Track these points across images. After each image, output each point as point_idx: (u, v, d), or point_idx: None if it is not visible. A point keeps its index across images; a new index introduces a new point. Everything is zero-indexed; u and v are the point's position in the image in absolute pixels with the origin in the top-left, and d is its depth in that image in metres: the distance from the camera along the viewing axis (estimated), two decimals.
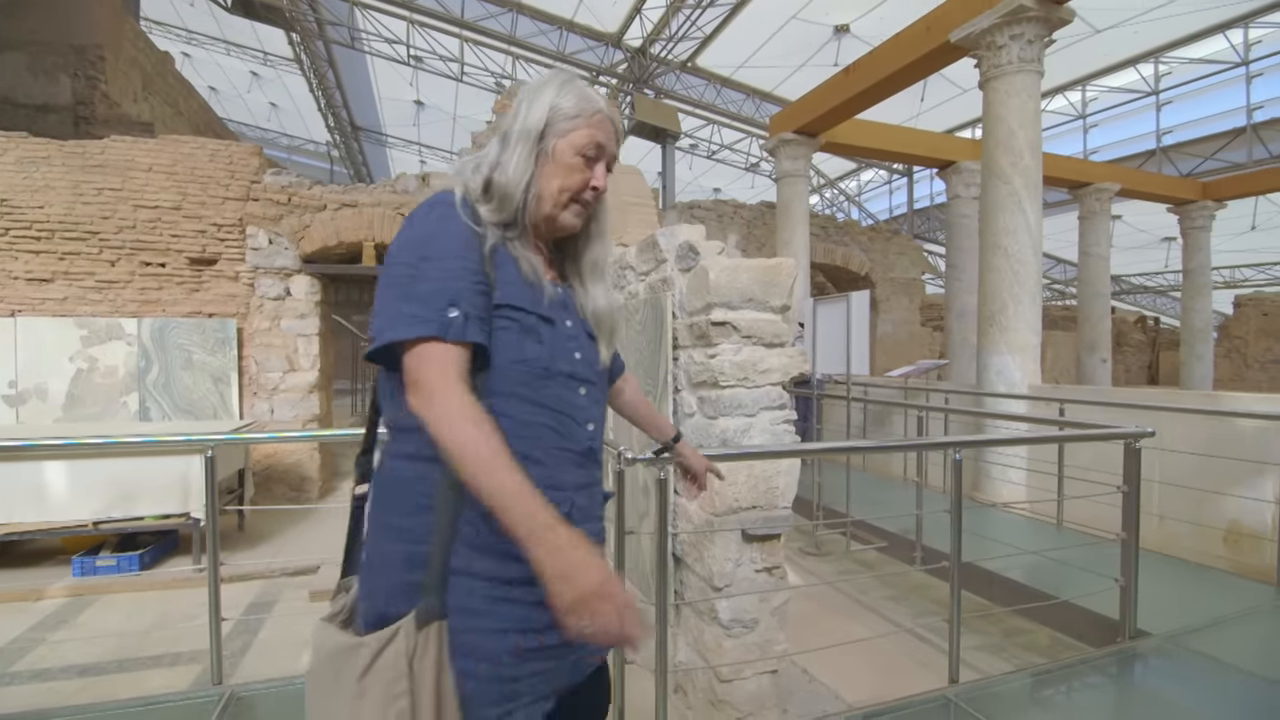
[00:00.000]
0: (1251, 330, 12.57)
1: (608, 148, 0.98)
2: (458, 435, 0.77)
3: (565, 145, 0.94)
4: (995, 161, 5.30)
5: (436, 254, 0.85)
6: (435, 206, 0.90)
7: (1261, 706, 2.09)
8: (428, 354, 0.80)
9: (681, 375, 2.54)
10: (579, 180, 0.96)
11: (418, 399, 0.80)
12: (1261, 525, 3.73)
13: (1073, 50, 11.92)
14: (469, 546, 0.85)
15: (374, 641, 0.79)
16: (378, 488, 0.91)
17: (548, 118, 0.94)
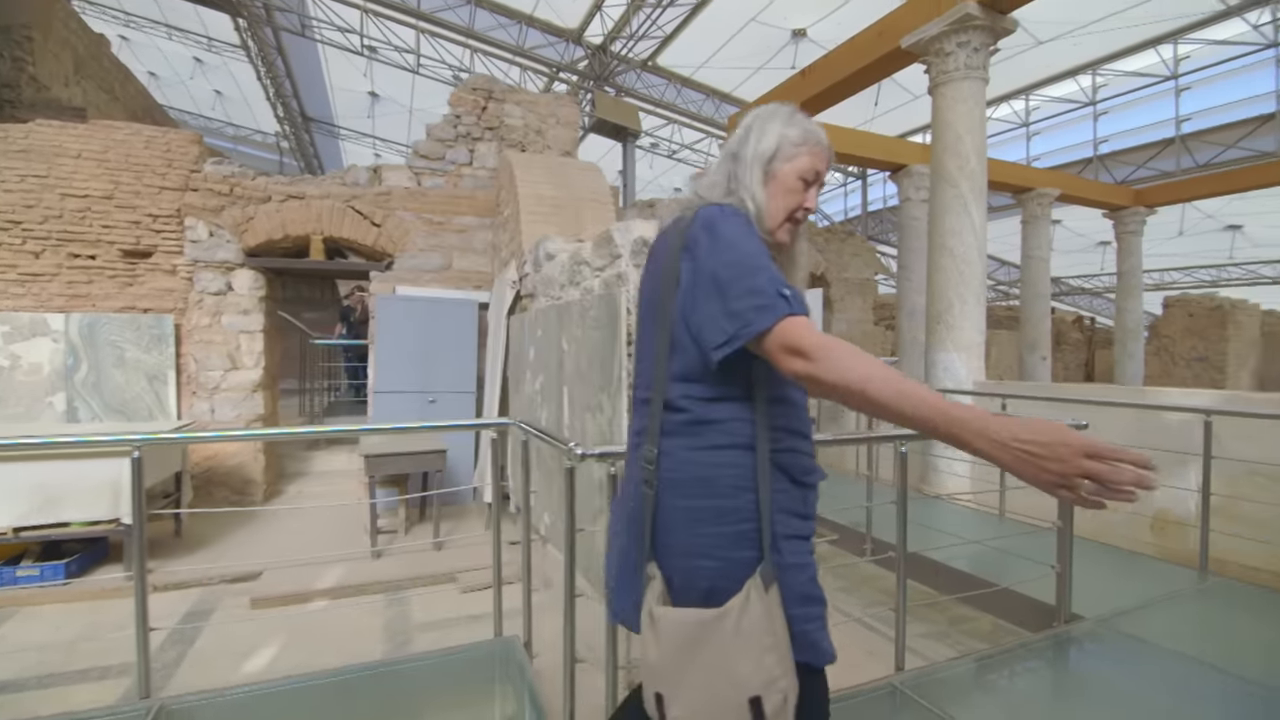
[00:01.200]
0: (1178, 330, 13.32)
1: (824, 176, 1.15)
2: (873, 370, 0.88)
3: (790, 170, 1.12)
4: (943, 165, 5.46)
5: (753, 253, 1.00)
6: (730, 217, 1.05)
7: (1184, 684, 2.20)
8: (799, 324, 0.93)
9: None
10: (796, 201, 1.13)
11: (807, 361, 0.91)
12: (1186, 513, 3.95)
13: (1017, 60, 12.41)
14: (785, 513, 1.03)
15: (735, 608, 0.96)
16: (694, 480, 1.03)
17: (778, 145, 1.11)
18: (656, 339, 1.09)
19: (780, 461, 1.05)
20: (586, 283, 3.13)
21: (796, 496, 1.06)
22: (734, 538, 1.01)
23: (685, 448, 1.04)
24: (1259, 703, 2.03)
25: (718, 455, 1.03)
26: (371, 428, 5.07)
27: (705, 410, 1.04)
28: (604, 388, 2.72)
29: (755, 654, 0.95)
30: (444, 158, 6.69)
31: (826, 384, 0.90)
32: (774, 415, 1.05)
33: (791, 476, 1.06)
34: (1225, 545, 3.44)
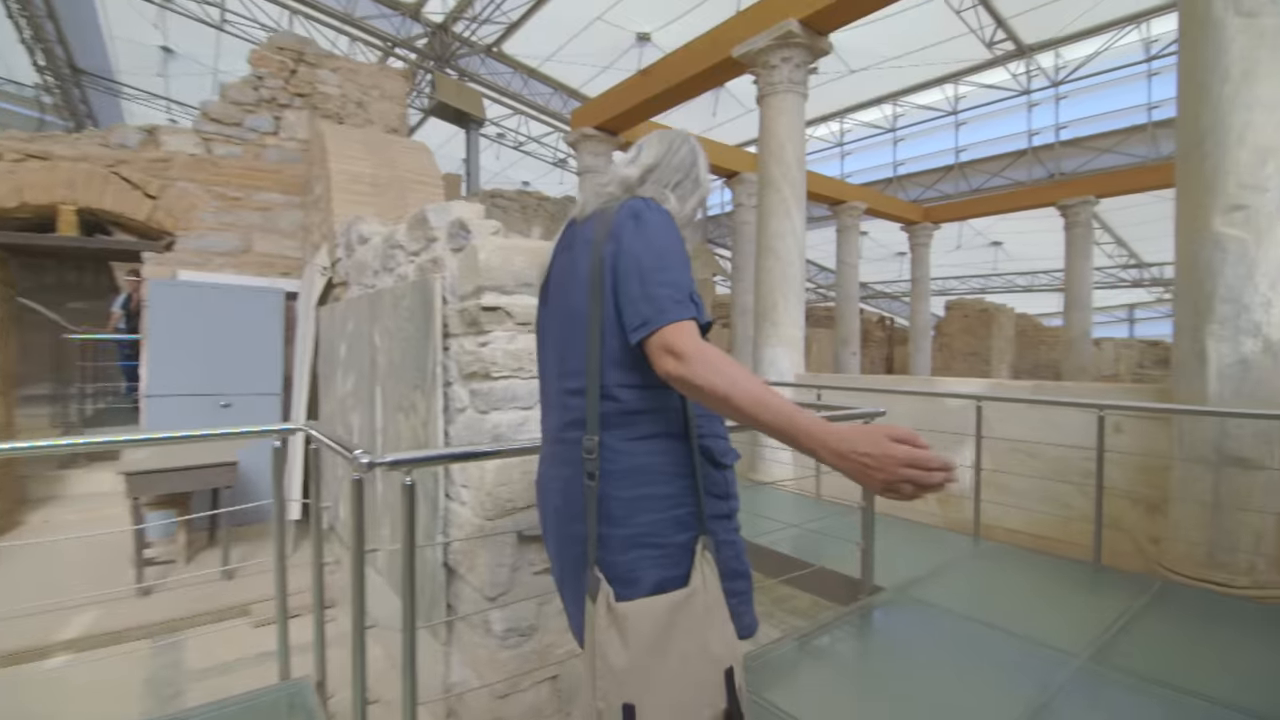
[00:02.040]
0: (956, 329, 15.64)
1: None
2: (737, 378, 0.93)
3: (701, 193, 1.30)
4: (769, 171, 5.80)
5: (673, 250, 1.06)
6: (657, 212, 1.10)
7: (963, 639, 2.47)
8: (685, 328, 0.98)
9: (453, 366, 2.31)
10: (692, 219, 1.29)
11: (680, 363, 0.95)
12: (963, 487, 4.54)
13: (833, 85, 13.73)
14: (710, 495, 1.09)
15: (700, 587, 1.01)
16: (632, 470, 1.05)
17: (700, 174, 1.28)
18: (589, 328, 1.09)
19: (703, 446, 1.11)
20: (401, 269, 2.82)
21: (718, 478, 1.13)
22: (672, 523, 1.05)
23: (622, 438, 1.06)
24: (1021, 654, 2.33)
25: (653, 444, 1.07)
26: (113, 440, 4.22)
27: (638, 399, 1.07)
28: (418, 385, 2.45)
29: (720, 626, 1.02)
30: (242, 124, 5.80)
31: (694, 386, 0.96)
32: (695, 402, 1.09)
33: (713, 460, 1.13)
34: (993, 513, 3.99)
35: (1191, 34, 3.34)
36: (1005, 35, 11.95)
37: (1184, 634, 2.51)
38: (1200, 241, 3.30)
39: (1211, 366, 3.23)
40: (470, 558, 2.25)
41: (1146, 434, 3.72)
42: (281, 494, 2.12)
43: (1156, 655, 2.31)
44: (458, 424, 2.29)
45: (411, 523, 1.51)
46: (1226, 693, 2.02)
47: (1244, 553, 3.12)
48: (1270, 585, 3.08)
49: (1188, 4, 3.37)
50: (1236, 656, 2.33)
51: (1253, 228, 3.14)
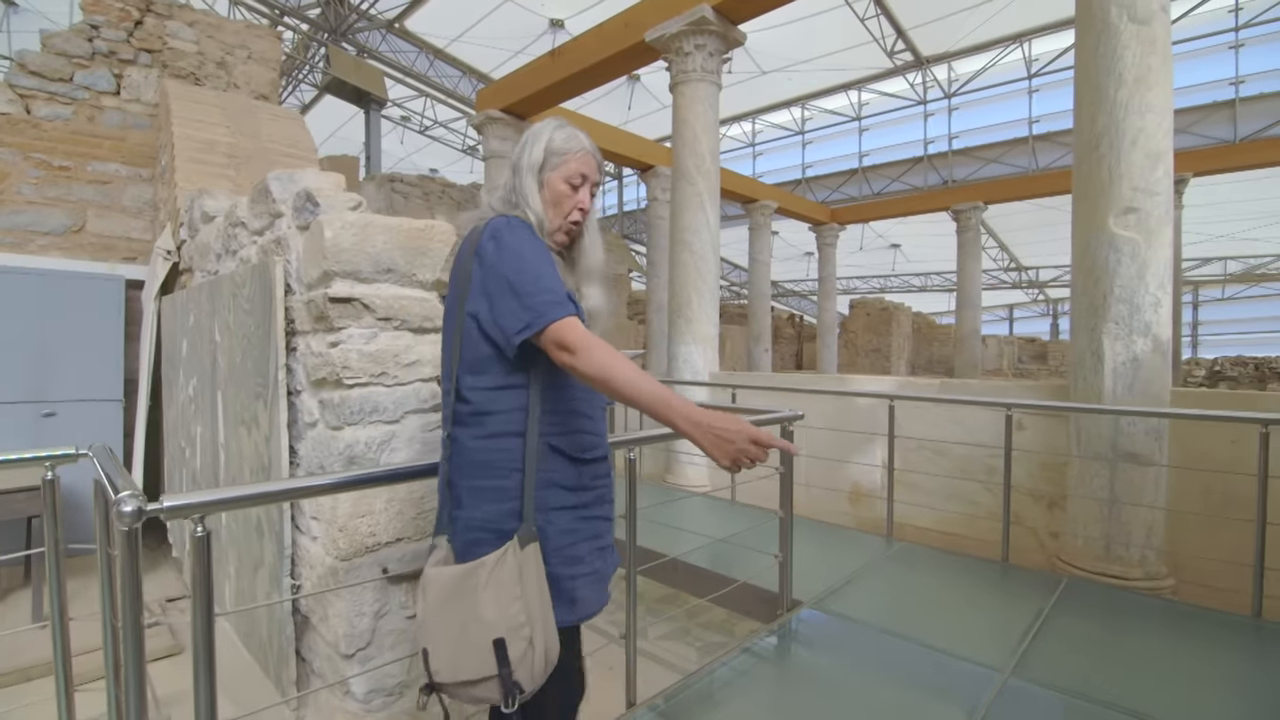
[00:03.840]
0: (860, 326, 16.28)
1: (591, 178, 1.34)
2: (616, 366, 1.09)
3: (557, 177, 1.29)
4: (683, 163, 5.60)
5: (539, 259, 1.18)
6: (517, 228, 1.21)
7: (886, 656, 2.32)
8: (574, 324, 1.12)
9: (300, 370, 1.88)
10: (569, 204, 1.31)
11: (571, 355, 1.10)
12: (874, 486, 4.52)
13: (746, 86, 13.85)
14: (557, 487, 1.21)
15: (490, 561, 1.12)
16: (466, 465, 1.20)
17: (545, 155, 1.29)
18: (452, 335, 1.23)
19: (556, 443, 1.21)
20: (243, 251, 2.33)
21: (570, 473, 1.23)
22: (506, 514, 1.17)
23: (471, 436, 1.19)
24: (943, 672, 2.21)
25: (494, 442, 1.18)
26: None
27: (487, 400, 1.19)
28: (260, 393, 2.00)
29: (503, 602, 1.10)
30: (72, 80, 4.89)
31: (584, 374, 1.10)
32: (553, 400, 1.22)
33: (568, 455, 1.23)
34: (903, 512, 3.96)
35: (1089, 39, 3.40)
36: (905, 46, 12.47)
37: (1093, 638, 2.49)
38: (1097, 242, 3.36)
39: (1107, 364, 3.30)
40: (323, 605, 1.84)
41: (1047, 431, 3.80)
42: (57, 537, 1.63)
43: (1072, 664, 2.26)
44: (306, 441, 1.86)
45: (207, 587, 1.11)
46: (1143, 702, 1.97)
47: (1137, 546, 3.21)
48: (1160, 576, 3.19)
49: (1084, 8, 3.43)
50: (1144, 660, 2.32)
51: (1144, 229, 3.23)
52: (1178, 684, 2.15)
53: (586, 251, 1.37)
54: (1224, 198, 12.20)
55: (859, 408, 4.68)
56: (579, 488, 1.24)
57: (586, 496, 1.25)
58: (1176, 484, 3.30)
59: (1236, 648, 2.37)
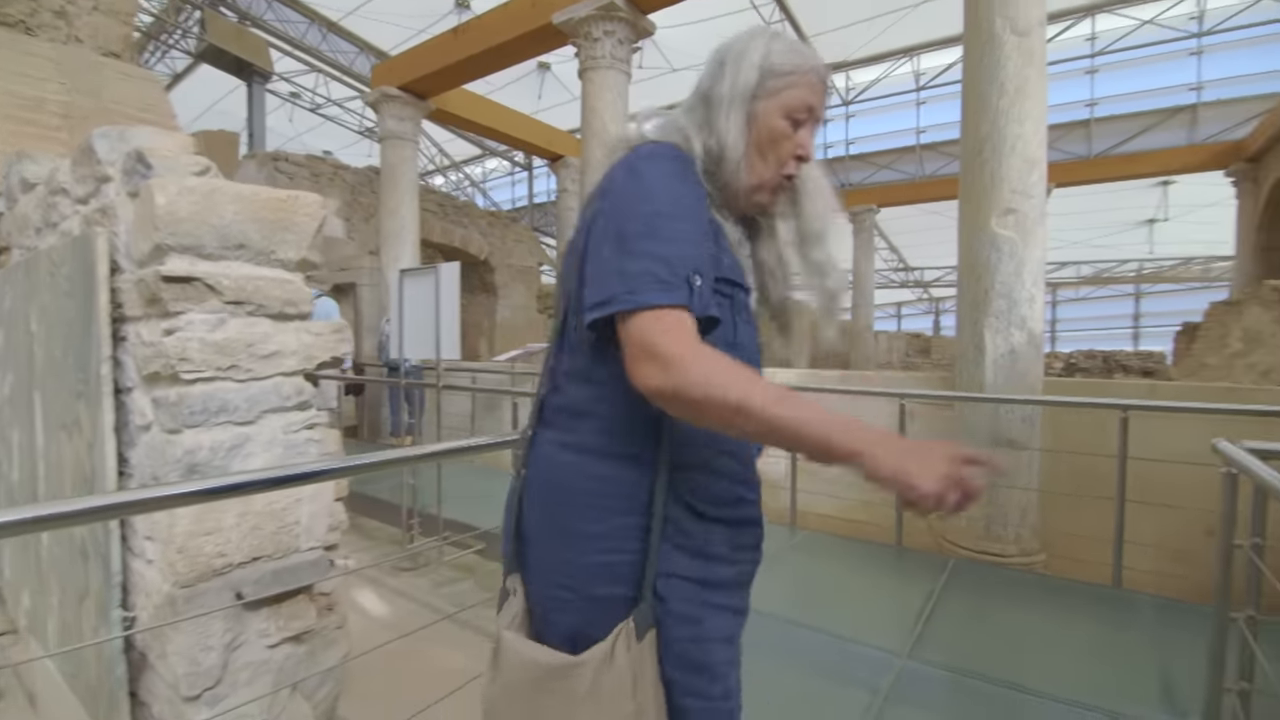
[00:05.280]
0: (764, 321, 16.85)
1: (819, 114, 0.88)
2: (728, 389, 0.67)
3: (776, 107, 0.86)
4: (592, 153, 5.47)
5: (675, 212, 0.76)
6: (661, 159, 0.80)
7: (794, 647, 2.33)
8: (673, 322, 0.70)
9: (129, 364, 1.59)
10: (788, 150, 0.87)
11: (659, 370, 0.69)
12: (779, 476, 4.61)
13: (659, 82, 13.90)
14: (677, 549, 0.79)
15: (592, 661, 0.75)
16: (551, 487, 0.82)
17: (758, 77, 0.85)
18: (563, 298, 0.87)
19: (679, 483, 0.79)
20: (66, 223, 1.96)
21: (695, 532, 0.80)
22: (599, 571, 0.78)
23: (553, 441, 0.83)
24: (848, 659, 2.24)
25: (589, 461, 0.80)
26: None
27: (587, 396, 0.81)
28: (81, 391, 1.68)
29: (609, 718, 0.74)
30: None
31: (685, 403, 0.69)
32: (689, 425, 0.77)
33: (692, 507, 0.80)
34: (805, 500, 4.05)
35: (975, 48, 3.59)
36: None
37: (977, 616, 2.62)
38: (979, 241, 3.57)
39: (988, 356, 3.52)
40: (161, 640, 1.57)
41: (935, 419, 4.01)
42: None
43: (960, 643, 2.36)
44: (139, 448, 1.58)
45: None
46: (1021, 675, 2.08)
47: (1013, 525, 3.44)
48: (1033, 553, 3.44)
49: (972, 19, 3.62)
50: (1021, 634, 2.47)
51: (1022, 229, 3.46)
52: (1050, 655, 2.29)
53: (809, 220, 0.92)
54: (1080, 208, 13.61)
55: None
56: (706, 555, 0.81)
57: (721, 572, 0.82)
58: (1047, 466, 3.57)
59: (1099, 617, 2.57)
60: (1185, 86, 11.02)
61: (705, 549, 0.80)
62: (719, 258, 0.81)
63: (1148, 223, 15.04)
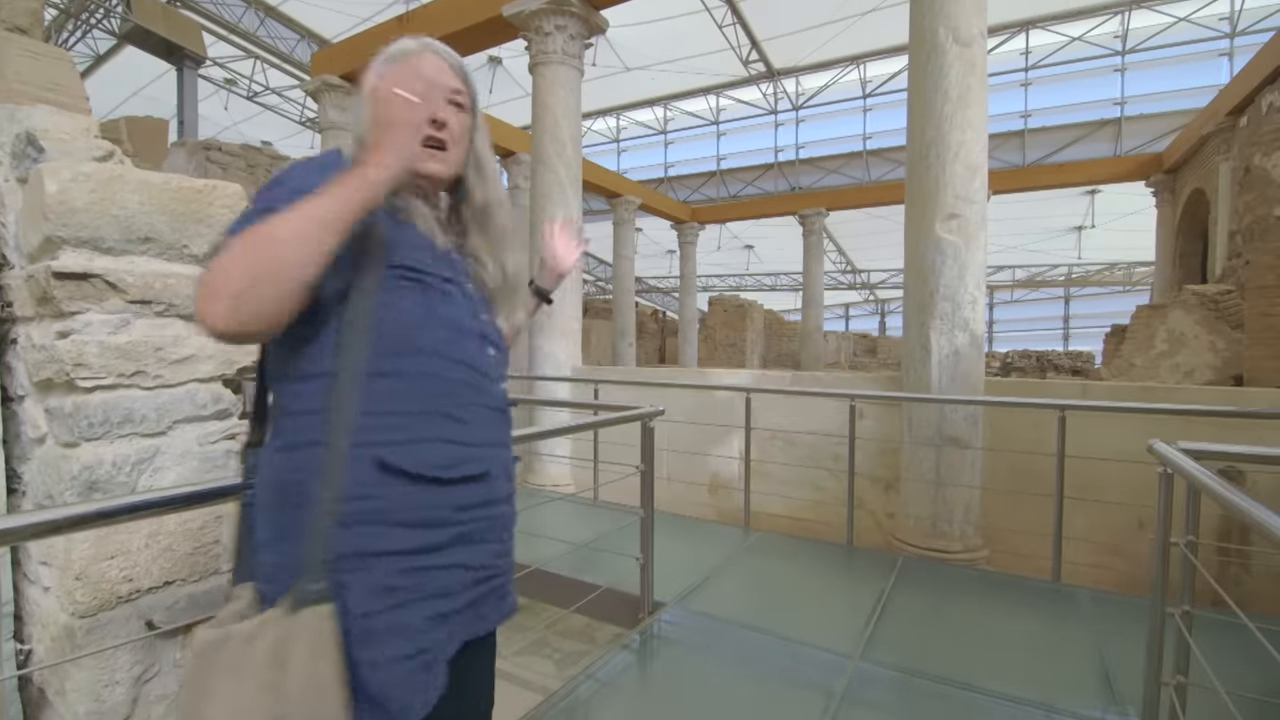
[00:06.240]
0: (718, 322, 16.97)
1: (438, 80, 0.92)
2: (239, 255, 0.71)
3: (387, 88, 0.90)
4: (544, 148, 5.36)
5: (278, 192, 0.81)
6: (306, 161, 0.89)
7: (746, 652, 2.30)
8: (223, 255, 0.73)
9: (20, 369, 1.42)
10: (419, 115, 0.85)
11: (199, 308, 0.71)
12: (732, 476, 4.61)
13: (611, 80, 13.82)
14: (385, 523, 0.80)
15: (239, 634, 0.74)
16: (261, 485, 0.86)
17: (379, 77, 0.92)
18: None
19: (388, 456, 0.81)
20: None
21: (412, 501, 0.82)
22: (289, 562, 0.78)
23: (269, 447, 0.86)
24: (801, 662, 2.22)
25: (288, 457, 0.82)
26: None
27: (288, 395, 0.85)
28: None
29: (241, 703, 0.71)
30: None
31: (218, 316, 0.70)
32: (378, 399, 0.82)
33: (410, 474, 0.82)
34: (758, 501, 4.06)
35: (920, 55, 3.67)
36: (758, 57, 13.12)
37: (925, 614, 2.66)
38: (925, 245, 3.65)
39: (934, 357, 3.60)
40: (60, 675, 1.41)
41: (884, 419, 4.08)
42: None
43: (910, 642, 2.39)
44: (33, 463, 1.42)
45: None
46: (966, 672, 2.12)
47: (957, 522, 3.53)
48: (976, 549, 3.53)
49: (917, 27, 3.70)
50: (966, 630, 2.52)
51: (965, 234, 3.55)
52: (996, 651, 2.34)
53: (477, 187, 0.99)
54: (1014, 214, 14.25)
55: (718, 401, 4.76)
56: (427, 524, 0.83)
57: (440, 535, 0.84)
58: (989, 464, 3.68)
59: (1041, 611, 2.65)
60: (1110, 101, 11.68)
61: (426, 516, 0.83)
62: (405, 248, 0.87)
63: (1076, 229, 15.87)
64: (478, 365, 0.92)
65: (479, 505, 0.89)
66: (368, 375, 0.81)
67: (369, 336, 0.81)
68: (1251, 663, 1.53)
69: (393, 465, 0.80)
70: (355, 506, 0.79)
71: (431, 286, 0.88)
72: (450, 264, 0.93)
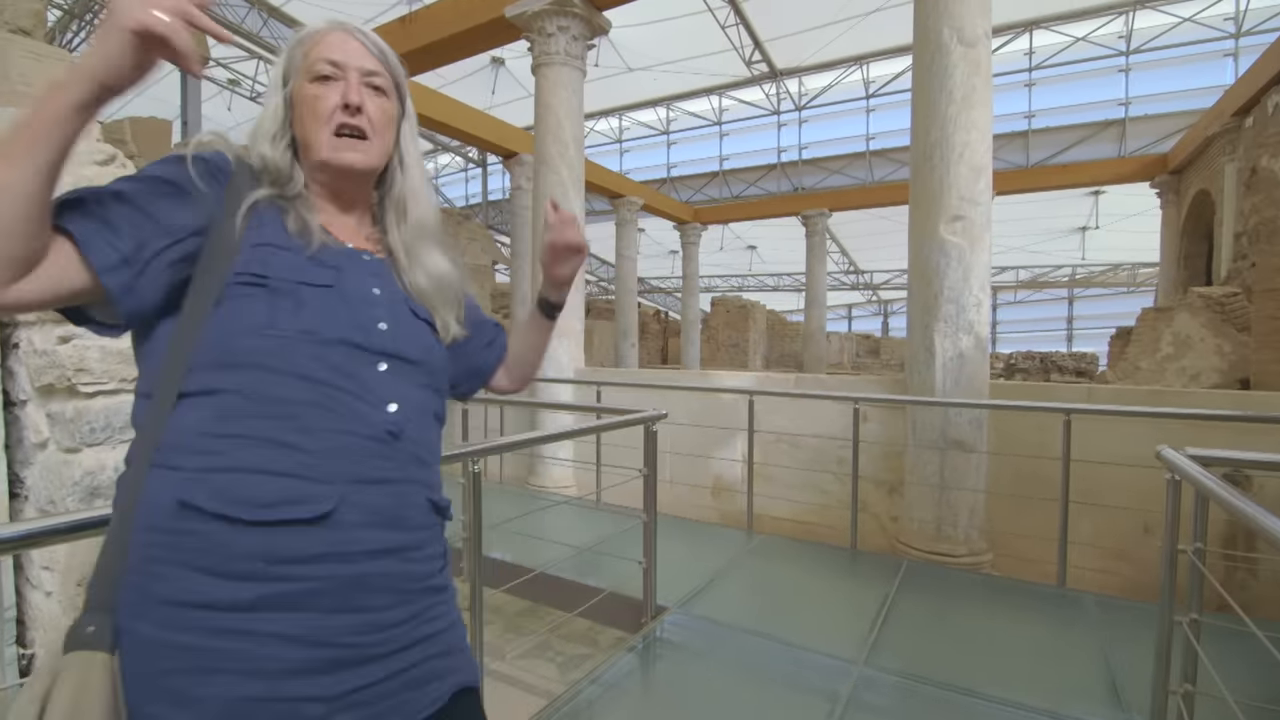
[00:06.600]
0: (721, 323, 16.99)
1: (349, 62, 0.82)
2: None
3: (301, 82, 0.83)
4: (546, 149, 5.36)
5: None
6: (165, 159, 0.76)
7: (749, 658, 2.29)
8: None
9: (22, 374, 1.42)
10: (325, 105, 0.82)
11: None
12: (735, 479, 4.60)
13: (614, 81, 13.82)
14: (187, 567, 0.64)
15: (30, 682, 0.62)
16: None
17: (286, 63, 0.84)
18: None
19: (189, 495, 0.66)
20: None
21: (216, 541, 0.65)
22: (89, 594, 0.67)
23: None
24: (804, 668, 2.21)
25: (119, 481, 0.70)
26: None
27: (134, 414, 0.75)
28: None
29: None
30: None
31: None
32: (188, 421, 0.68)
33: (203, 508, 0.66)
34: (761, 503, 4.05)
35: (924, 56, 3.65)
36: (761, 57, 13.10)
37: (930, 619, 2.65)
38: (929, 247, 3.63)
39: (938, 359, 3.58)
40: None
41: (887, 421, 4.07)
42: None
43: (914, 648, 2.37)
44: (35, 468, 1.41)
45: None
46: (972, 679, 2.10)
47: (962, 527, 3.51)
48: (981, 553, 3.51)
49: (921, 28, 3.68)
50: (971, 636, 2.50)
51: (969, 236, 3.53)
52: (1001, 657, 2.33)
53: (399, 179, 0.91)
54: (1017, 215, 14.22)
55: (722, 403, 4.75)
56: (227, 575, 0.66)
57: (243, 592, 0.66)
58: (993, 468, 3.66)
59: (1046, 616, 2.63)
60: (1115, 101, 11.64)
61: (238, 568, 0.66)
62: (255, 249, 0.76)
63: (1080, 230, 15.83)
64: (336, 381, 0.74)
65: (311, 559, 0.68)
66: (179, 394, 0.69)
67: (188, 352, 0.70)
68: (1259, 670, 1.52)
69: (186, 498, 0.66)
70: (141, 539, 0.66)
71: (278, 291, 0.75)
72: (324, 265, 0.79)
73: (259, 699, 0.64)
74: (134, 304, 0.69)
